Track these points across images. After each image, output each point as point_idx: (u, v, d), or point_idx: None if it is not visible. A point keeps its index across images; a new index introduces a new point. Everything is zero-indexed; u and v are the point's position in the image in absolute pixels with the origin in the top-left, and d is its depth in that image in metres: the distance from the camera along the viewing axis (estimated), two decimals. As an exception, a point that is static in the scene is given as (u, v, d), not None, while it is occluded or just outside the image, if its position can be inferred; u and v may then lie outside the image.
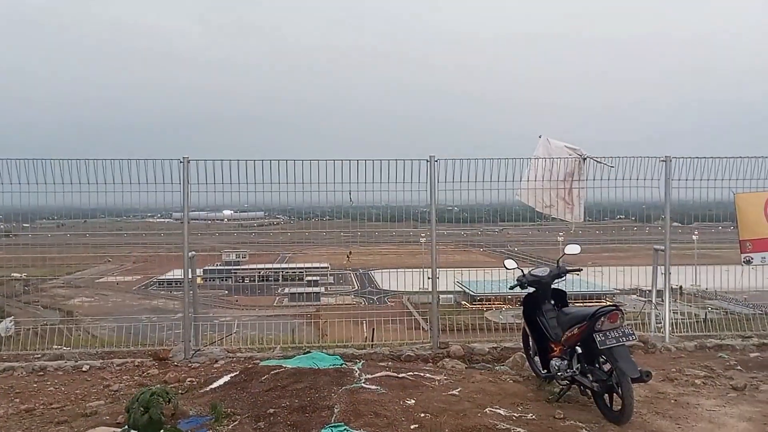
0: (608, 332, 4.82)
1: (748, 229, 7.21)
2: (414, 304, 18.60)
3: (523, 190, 7.73)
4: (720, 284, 15.70)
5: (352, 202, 7.83)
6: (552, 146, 7.72)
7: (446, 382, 5.55)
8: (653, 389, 5.48)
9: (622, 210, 17.21)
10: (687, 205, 12.33)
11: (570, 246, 6.15)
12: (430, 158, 7.24)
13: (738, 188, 7.51)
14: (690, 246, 14.66)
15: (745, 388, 5.62)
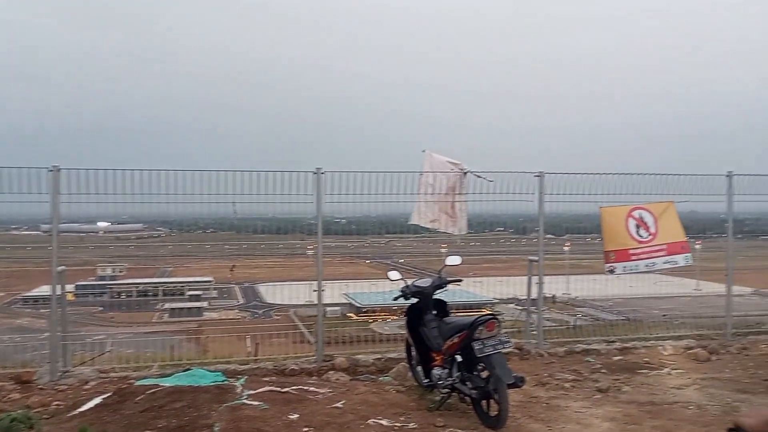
0: (486, 340, 5.00)
1: (611, 240, 7.74)
2: (301, 318, 18.48)
3: (414, 213, 7.90)
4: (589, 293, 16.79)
5: (236, 214, 7.65)
6: (435, 161, 7.94)
7: (330, 394, 5.52)
8: (527, 394, 5.74)
9: (501, 222, 18.01)
10: (559, 217, 13.11)
11: (451, 257, 6.34)
12: (317, 170, 7.22)
13: (603, 202, 8.01)
14: (562, 257, 15.59)
15: (609, 389, 6.02)
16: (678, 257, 7.91)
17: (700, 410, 5.44)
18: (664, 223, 7.84)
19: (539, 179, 7.74)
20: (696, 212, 10.51)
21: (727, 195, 8.18)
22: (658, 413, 5.36)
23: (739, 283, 12.36)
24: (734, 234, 8.68)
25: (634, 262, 7.70)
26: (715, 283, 9.32)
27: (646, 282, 15.10)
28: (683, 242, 7.96)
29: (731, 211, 8.29)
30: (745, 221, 14.07)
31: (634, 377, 6.46)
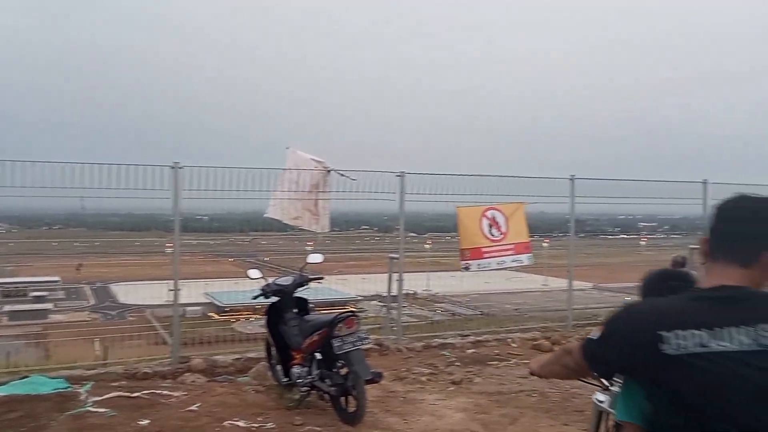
0: (345, 337, 5.07)
1: (467, 239, 8.11)
2: (158, 318, 17.60)
3: (271, 207, 7.79)
4: (448, 289, 17.45)
5: (84, 209, 7.15)
6: (299, 158, 7.89)
7: (185, 397, 5.33)
8: (385, 389, 5.88)
9: (366, 221, 18.29)
10: (421, 216, 13.55)
11: (312, 255, 6.35)
12: (175, 165, 6.91)
13: (460, 202, 8.37)
14: (424, 254, 16.12)
15: (462, 381, 6.31)
16: (522, 256, 8.46)
17: (542, 397, 5.84)
18: (513, 223, 8.34)
19: (400, 179, 7.93)
20: (545, 213, 11.29)
21: (570, 197, 8.84)
22: (505, 402, 5.70)
23: (580, 278, 13.44)
24: (576, 233, 9.42)
25: (487, 259, 8.13)
26: (561, 278, 10.03)
27: (500, 278, 15.99)
28: (527, 242, 8.52)
29: (573, 212, 8.98)
30: (587, 221, 15.33)
31: (485, 369, 6.82)
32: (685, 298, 1.62)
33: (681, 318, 1.53)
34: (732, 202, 1.69)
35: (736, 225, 1.66)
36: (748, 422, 1.42)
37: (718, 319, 1.50)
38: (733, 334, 1.48)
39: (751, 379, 1.44)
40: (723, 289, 1.58)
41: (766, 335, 1.47)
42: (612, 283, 15.45)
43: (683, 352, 1.48)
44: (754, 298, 1.56)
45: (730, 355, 1.46)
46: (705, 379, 1.46)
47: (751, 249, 1.60)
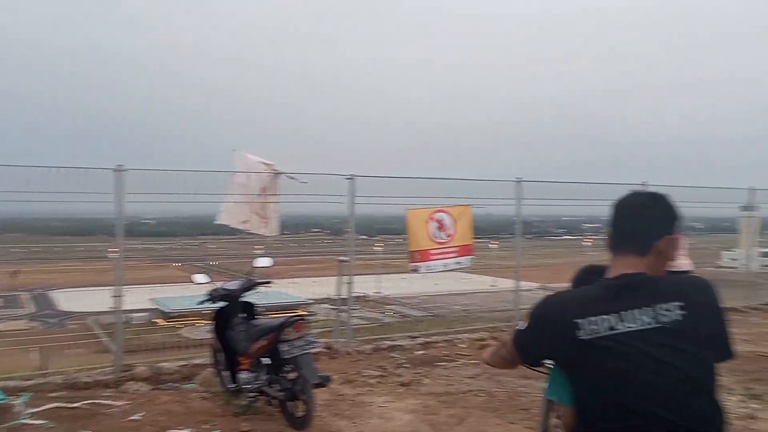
0: (294, 341, 5.04)
1: (415, 241, 8.18)
2: (102, 326, 17.14)
3: (223, 213, 7.69)
4: (399, 291, 17.55)
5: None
6: (247, 161, 7.81)
7: (127, 407, 5.21)
8: (334, 392, 5.86)
9: (317, 224, 18.25)
10: (372, 219, 13.58)
11: (260, 259, 6.29)
12: (118, 167, 6.73)
13: (410, 205, 8.43)
14: (375, 257, 16.16)
15: (411, 383, 6.33)
16: (464, 258, 8.58)
17: (489, 397, 5.92)
18: (460, 225, 8.45)
19: (351, 182, 7.93)
20: (492, 215, 11.47)
21: (516, 199, 9.01)
22: (453, 402, 5.76)
23: (527, 278, 13.69)
24: (523, 234, 9.60)
25: (434, 262, 8.22)
26: (509, 279, 10.19)
27: (449, 280, 16.16)
28: (470, 245, 8.64)
29: (520, 214, 9.15)
30: (533, 223, 15.65)
31: (434, 370, 6.87)
32: (595, 287, 1.82)
33: (592, 306, 1.72)
34: (626, 199, 1.89)
35: (631, 219, 1.86)
36: (652, 393, 1.62)
37: (623, 304, 1.70)
38: (636, 315, 1.68)
39: (651, 354, 1.64)
40: (625, 277, 1.77)
41: (663, 313, 1.68)
42: (557, 283, 15.78)
43: (595, 336, 1.67)
44: (651, 282, 1.75)
45: (635, 334, 1.66)
46: (615, 358, 1.65)
47: (645, 240, 1.80)
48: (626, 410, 1.64)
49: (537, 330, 1.86)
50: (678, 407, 1.62)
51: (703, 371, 1.68)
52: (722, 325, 1.77)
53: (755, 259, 12.14)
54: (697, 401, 1.64)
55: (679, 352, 1.64)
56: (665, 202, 1.87)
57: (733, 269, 12.41)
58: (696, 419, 1.63)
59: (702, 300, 1.75)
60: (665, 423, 1.61)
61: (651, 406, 1.61)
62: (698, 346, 1.67)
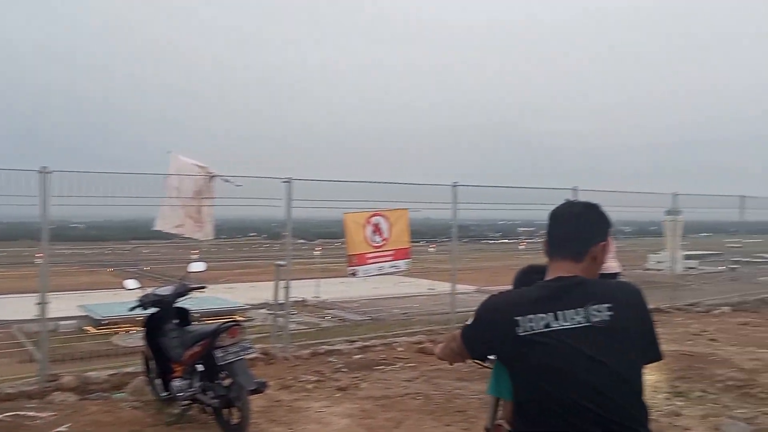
0: (228, 347, 4.96)
1: (353, 245, 8.17)
2: (28, 334, 16.38)
3: (158, 218, 7.50)
4: (338, 295, 17.51)
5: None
6: (181, 163, 7.64)
7: (53, 418, 5.00)
8: (271, 398, 5.79)
9: (255, 228, 17.99)
10: (311, 223, 13.51)
11: (194, 264, 6.16)
12: (42, 169, 6.46)
13: (348, 208, 8.42)
14: (313, 261, 16.08)
15: (348, 387, 6.32)
16: (400, 262, 8.64)
17: (426, 399, 5.97)
18: (397, 229, 8.50)
19: (287, 185, 7.86)
20: (430, 219, 11.60)
21: (452, 203, 9.13)
22: (390, 406, 5.78)
23: (465, 281, 13.87)
24: (460, 238, 9.74)
25: (370, 265, 8.25)
26: (446, 282, 10.30)
27: (388, 283, 16.23)
28: (407, 248, 8.71)
29: (456, 218, 9.27)
30: (470, 227, 15.90)
31: (372, 374, 6.88)
32: (534, 288, 1.94)
33: (531, 305, 1.85)
34: (562, 208, 2.05)
35: (567, 227, 2.00)
36: (579, 386, 1.74)
37: (558, 304, 1.83)
38: (570, 314, 1.81)
39: (581, 350, 1.77)
40: (561, 280, 1.90)
41: (594, 314, 1.81)
42: (494, 286, 16.10)
43: (532, 333, 1.81)
44: (584, 285, 1.88)
45: (567, 332, 1.79)
46: (548, 353, 1.79)
47: (580, 246, 1.95)
48: (556, 402, 1.76)
49: (481, 326, 1.97)
50: (604, 400, 1.72)
51: (628, 368, 1.79)
52: (650, 327, 1.90)
53: (679, 262, 12.71)
54: (621, 396, 1.75)
55: (606, 349, 1.77)
56: (598, 211, 2.02)
57: (659, 271, 12.96)
58: (621, 412, 1.74)
59: (630, 303, 1.87)
60: (591, 415, 1.72)
61: (578, 399, 1.73)
62: (625, 345, 1.80)
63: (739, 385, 6.19)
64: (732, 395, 5.94)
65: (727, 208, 13.09)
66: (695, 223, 14.09)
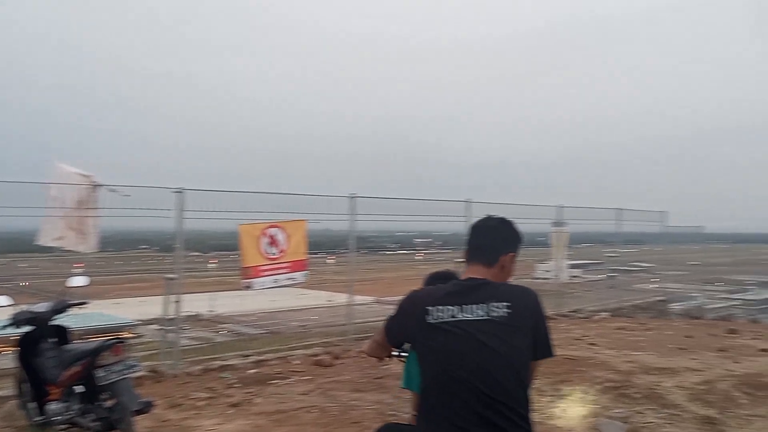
0: (111, 366, 4.71)
1: (247, 257, 8.02)
2: None
3: (40, 231, 7.03)
4: (234, 308, 17.07)
5: None
6: (63, 172, 7.22)
7: None
8: (158, 418, 5.54)
9: (146, 240, 17.24)
10: (205, 234, 13.10)
11: (75, 278, 5.81)
12: None
13: (243, 220, 8.25)
14: (208, 274, 15.60)
15: (242, 403, 6.16)
16: (297, 274, 8.58)
17: (321, 412, 5.92)
18: (294, 240, 8.43)
19: (179, 195, 7.60)
20: (330, 230, 11.57)
21: (350, 214, 9.18)
22: (284, 420, 5.68)
23: (363, 293, 13.93)
24: (358, 249, 9.78)
25: (265, 278, 8.12)
26: (345, 294, 10.31)
27: (286, 296, 16.03)
28: (304, 260, 8.66)
29: (353, 229, 9.32)
30: (369, 238, 16.00)
31: (266, 388, 6.74)
32: (448, 285, 2.29)
33: (442, 298, 2.20)
34: (480, 221, 2.46)
35: (482, 237, 2.39)
36: (473, 368, 2.06)
37: (465, 299, 2.18)
38: (474, 308, 2.15)
39: (478, 338, 2.10)
40: (471, 280, 2.27)
41: (494, 309, 2.14)
42: (392, 297, 16.26)
43: (439, 321, 2.16)
44: (489, 285, 2.23)
45: (469, 322, 2.13)
46: (451, 339, 2.12)
47: (492, 254, 2.34)
48: (451, 379, 2.09)
49: (400, 314, 2.32)
50: (490, 381, 2.05)
51: (517, 358, 2.11)
52: (543, 327, 2.22)
53: (564, 271, 13.40)
54: (506, 379, 2.07)
55: (499, 339, 2.09)
56: (511, 226, 2.44)
57: (546, 280, 13.58)
58: (504, 393, 2.05)
59: (526, 304, 2.20)
60: (478, 392, 2.04)
61: (468, 377, 2.06)
62: (517, 339, 2.12)
63: (616, 386, 6.58)
64: (609, 396, 6.30)
65: (605, 221, 14.03)
66: (579, 234, 14.93)
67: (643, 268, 18.56)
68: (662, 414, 5.71)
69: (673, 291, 17.10)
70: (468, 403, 2.04)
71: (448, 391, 2.08)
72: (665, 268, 18.59)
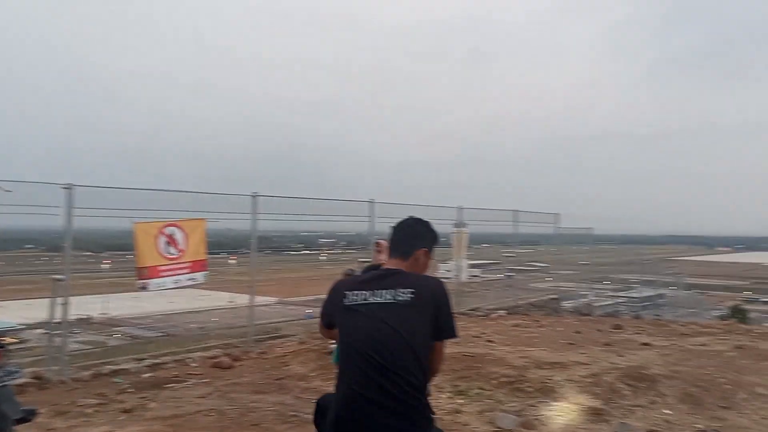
0: (-11, 373, 4.39)
1: (143, 257, 7.70)
2: None
3: None
4: (130, 311, 16.37)
5: None
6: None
7: None
8: (43, 427, 5.22)
9: (32, 239, 16.17)
10: (98, 233, 12.46)
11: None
12: None
13: (139, 218, 7.92)
14: (101, 275, 14.85)
15: (135, 409, 5.89)
16: (198, 274, 8.36)
17: (219, 415, 5.78)
18: (193, 240, 8.19)
19: (67, 191, 7.20)
20: (232, 229, 11.32)
21: (252, 214, 9.01)
22: (180, 425, 5.50)
23: (266, 293, 13.73)
24: (262, 249, 9.63)
25: (163, 278, 7.84)
26: (248, 295, 10.13)
27: (186, 297, 15.55)
28: (204, 260, 8.45)
29: (255, 228, 9.16)
30: (273, 238, 15.79)
31: (162, 393, 6.50)
32: (364, 275, 2.85)
33: (358, 285, 2.61)
34: (401, 221, 2.84)
35: (400, 234, 2.79)
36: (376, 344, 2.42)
37: (377, 285, 2.56)
38: (383, 293, 2.52)
39: (382, 317, 2.46)
40: (386, 270, 2.67)
41: (400, 295, 2.50)
42: (296, 297, 16.18)
43: (353, 303, 2.55)
44: (399, 274, 2.61)
45: (378, 305, 2.50)
46: (360, 318, 2.51)
47: (406, 249, 2.73)
48: (355, 351, 2.46)
49: (328, 300, 2.72)
50: (387, 354, 2.40)
51: (413, 336, 2.44)
52: (446, 311, 2.55)
53: (464, 271, 13.79)
54: (401, 354, 2.41)
55: (400, 320, 2.44)
56: (427, 225, 2.84)
57: (447, 279, 13.92)
58: (397, 364, 2.39)
59: (431, 291, 2.53)
60: (375, 362, 2.40)
61: (368, 349, 2.42)
62: (418, 321, 2.46)
63: (511, 381, 6.83)
64: (504, 391, 6.53)
65: (503, 222, 14.56)
66: (478, 235, 15.41)
67: (538, 267, 19.45)
68: (553, 406, 5.98)
69: (565, 289, 18.03)
70: (365, 370, 2.40)
71: (352, 361, 2.46)
72: (558, 268, 19.56)
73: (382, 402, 2.36)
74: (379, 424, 2.36)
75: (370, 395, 2.37)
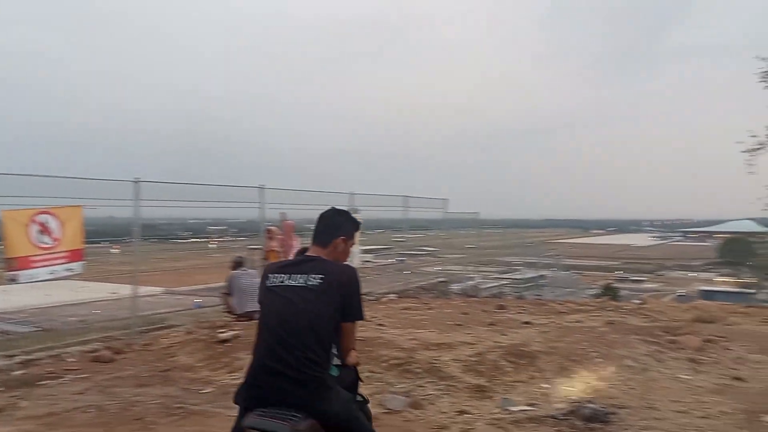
0: None
1: (13, 247, 7.21)
2: None
3: None
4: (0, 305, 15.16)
5: None
6: None
7: None
8: None
9: None
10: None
11: None
12: None
13: (7, 205, 7.40)
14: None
15: (5, 409, 5.54)
16: (75, 264, 7.95)
17: (99, 411, 5.53)
18: (69, 228, 7.75)
19: None
20: (114, 217, 10.79)
21: (134, 200, 8.63)
22: (56, 423, 5.22)
23: (151, 283, 13.22)
24: (147, 238, 9.25)
25: (36, 269, 7.38)
26: (132, 285, 9.71)
27: (63, 289, 14.63)
28: (81, 249, 8.03)
29: (138, 216, 8.78)
30: (159, 226, 15.21)
31: (35, 391, 6.13)
32: (289, 260, 3.18)
33: (280, 269, 2.90)
34: (323, 212, 3.07)
35: (323, 223, 3.03)
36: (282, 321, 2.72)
37: (294, 270, 2.84)
38: (297, 277, 2.80)
39: (292, 299, 2.75)
40: (305, 257, 2.95)
41: (311, 279, 2.78)
42: (183, 287, 15.67)
43: (272, 285, 2.84)
44: (315, 261, 2.89)
45: (292, 287, 2.78)
46: (275, 298, 2.80)
47: (326, 237, 2.98)
48: (265, 327, 2.78)
49: (261, 280, 2.95)
50: (291, 330, 2.68)
51: (318, 316, 2.71)
52: (354, 296, 2.83)
53: (357, 256, 13.94)
54: (304, 331, 2.68)
55: (308, 301, 2.71)
56: (347, 215, 3.11)
57: (343, 265, 13.98)
58: (299, 340, 2.67)
59: (340, 278, 2.79)
60: (279, 337, 2.70)
61: (275, 325, 2.73)
62: (324, 303, 2.72)
63: (400, 363, 7.00)
64: (394, 373, 6.68)
65: (394, 207, 14.81)
66: (370, 221, 15.59)
67: (428, 252, 19.97)
68: (440, 386, 6.19)
69: (453, 273, 18.63)
70: (270, 344, 2.71)
71: (263, 335, 2.78)
72: (447, 252, 20.17)
73: (285, 372, 2.65)
74: (281, 389, 2.66)
75: (274, 366, 2.67)
